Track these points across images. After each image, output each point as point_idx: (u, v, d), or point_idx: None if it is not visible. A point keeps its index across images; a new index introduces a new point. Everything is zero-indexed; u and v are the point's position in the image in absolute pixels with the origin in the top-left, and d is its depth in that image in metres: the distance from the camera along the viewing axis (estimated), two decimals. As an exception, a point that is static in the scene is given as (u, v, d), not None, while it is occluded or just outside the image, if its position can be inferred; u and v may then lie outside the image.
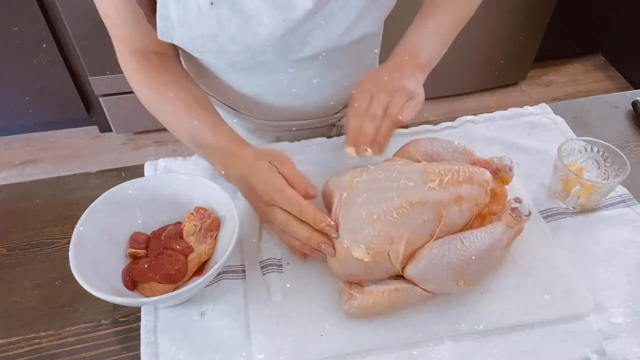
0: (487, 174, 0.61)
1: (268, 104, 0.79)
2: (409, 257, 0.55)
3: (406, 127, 0.83)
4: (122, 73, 0.71)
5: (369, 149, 0.62)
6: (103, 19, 0.68)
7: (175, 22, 0.62)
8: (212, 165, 0.69)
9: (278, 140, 0.86)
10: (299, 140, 0.80)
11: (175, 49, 0.73)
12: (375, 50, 0.85)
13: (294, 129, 0.84)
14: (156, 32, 0.64)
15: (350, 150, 0.63)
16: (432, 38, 0.71)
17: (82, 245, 0.56)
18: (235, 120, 0.86)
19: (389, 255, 0.54)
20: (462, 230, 0.57)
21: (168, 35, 0.64)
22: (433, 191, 0.56)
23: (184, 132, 0.68)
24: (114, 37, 0.69)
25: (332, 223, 0.56)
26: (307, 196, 0.58)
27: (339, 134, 0.88)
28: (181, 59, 0.78)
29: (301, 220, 0.57)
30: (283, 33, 0.64)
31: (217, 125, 0.67)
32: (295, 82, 0.75)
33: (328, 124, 0.86)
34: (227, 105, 0.83)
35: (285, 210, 0.57)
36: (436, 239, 0.55)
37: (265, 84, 0.76)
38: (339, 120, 0.86)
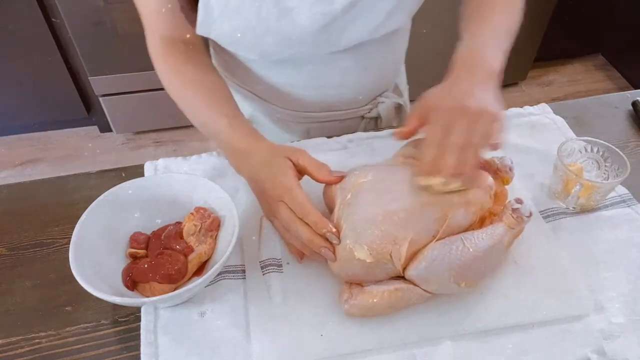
0: (490, 179, 0.61)
1: (299, 95, 0.80)
2: (411, 257, 0.55)
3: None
4: (122, 73, 0.72)
5: (450, 181, 0.54)
6: (135, 3, 0.69)
7: (217, 13, 0.63)
8: (225, 156, 0.69)
9: (308, 131, 0.87)
10: (329, 136, 0.81)
11: (203, 40, 0.74)
12: (404, 44, 0.86)
13: (323, 120, 0.85)
14: (188, 22, 0.66)
15: (424, 181, 0.55)
16: (494, 40, 0.64)
17: (82, 245, 0.56)
18: (264, 112, 0.86)
19: (391, 256, 0.54)
20: (463, 231, 0.57)
21: (207, 27, 0.65)
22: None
23: (200, 120, 0.69)
24: (145, 21, 0.70)
25: (334, 230, 0.55)
26: (331, 181, 0.60)
27: (366, 127, 0.88)
28: (211, 50, 0.79)
29: (304, 222, 0.57)
30: (321, 26, 0.65)
31: (234, 118, 0.67)
32: (326, 74, 0.76)
33: (357, 116, 0.87)
34: (258, 97, 0.84)
35: (291, 209, 0.57)
36: (438, 239, 0.55)
37: (296, 76, 0.77)
38: (369, 112, 0.87)
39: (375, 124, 0.89)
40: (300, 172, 0.61)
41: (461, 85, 0.58)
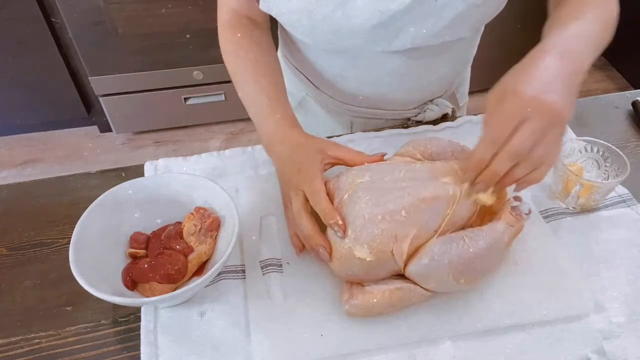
0: None
1: (347, 87, 0.81)
2: (413, 253, 0.55)
3: (406, 127, 0.83)
4: (122, 73, 0.72)
5: (482, 194, 0.54)
6: None
7: None
8: (259, 135, 0.69)
9: (351, 124, 0.88)
10: (374, 129, 0.81)
11: (268, 20, 0.76)
12: (470, 53, 0.84)
13: (368, 116, 0.85)
14: (255, 2, 0.68)
15: (473, 195, 0.55)
16: (582, 43, 0.56)
17: (82, 245, 0.56)
18: (314, 97, 0.87)
19: (392, 253, 0.54)
20: (463, 227, 0.57)
21: (269, 3, 0.68)
22: (448, 185, 0.56)
23: (246, 95, 0.70)
24: None
25: (340, 222, 0.55)
26: (374, 160, 0.61)
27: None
28: (278, 30, 0.81)
29: (311, 217, 0.57)
30: (376, 23, 0.65)
31: (277, 101, 0.68)
32: (376, 72, 0.76)
33: (403, 117, 0.87)
34: (310, 81, 0.85)
35: (304, 202, 0.58)
36: (440, 234, 0.55)
37: (347, 69, 0.77)
38: (416, 116, 0.86)
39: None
40: (337, 163, 0.62)
41: (546, 66, 0.52)
